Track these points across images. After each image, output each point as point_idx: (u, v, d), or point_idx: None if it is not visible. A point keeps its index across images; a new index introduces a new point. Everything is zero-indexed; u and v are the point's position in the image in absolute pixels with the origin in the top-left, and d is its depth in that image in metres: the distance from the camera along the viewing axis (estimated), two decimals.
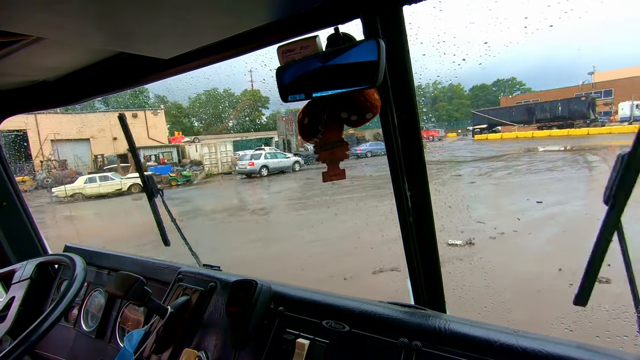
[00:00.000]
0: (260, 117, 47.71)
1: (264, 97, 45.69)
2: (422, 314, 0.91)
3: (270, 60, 0.98)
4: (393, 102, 0.88)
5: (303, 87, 0.84)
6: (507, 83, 51.97)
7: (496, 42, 9.07)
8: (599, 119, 27.69)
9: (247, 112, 47.54)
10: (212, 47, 1.03)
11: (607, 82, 34.62)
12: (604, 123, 27.31)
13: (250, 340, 1.03)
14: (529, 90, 46.36)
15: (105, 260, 1.72)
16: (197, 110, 46.08)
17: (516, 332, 0.79)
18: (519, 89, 50.57)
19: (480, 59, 7.70)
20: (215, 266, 1.44)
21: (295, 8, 0.85)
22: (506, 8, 5.75)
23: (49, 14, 0.73)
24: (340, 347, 0.92)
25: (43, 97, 1.47)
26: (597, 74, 36.09)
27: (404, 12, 0.81)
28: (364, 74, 0.75)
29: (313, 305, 1.03)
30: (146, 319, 1.35)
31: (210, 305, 1.20)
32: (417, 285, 1.03)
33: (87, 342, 1.54)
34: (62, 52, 1.11)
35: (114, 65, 1.22)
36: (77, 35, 0.87)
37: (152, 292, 1.09)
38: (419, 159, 0.92)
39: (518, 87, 51.68)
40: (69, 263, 1.18)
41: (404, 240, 1.00)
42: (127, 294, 1.05)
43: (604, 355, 0.69)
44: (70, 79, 1.35)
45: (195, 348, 1.11)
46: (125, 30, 0.86)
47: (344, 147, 0.93)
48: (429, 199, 0.95)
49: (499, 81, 51.83)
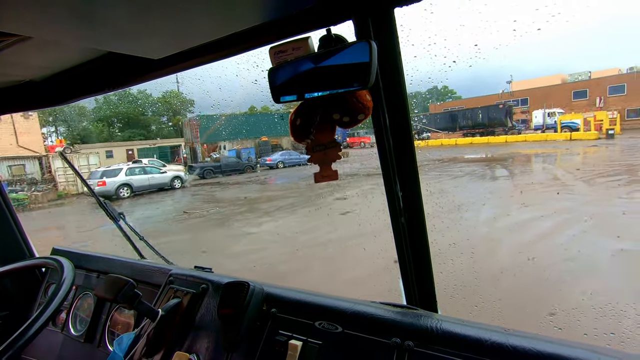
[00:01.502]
0: (180, 121, 40.05)
1: (189, 100, 41.43)
2: (414, 314, 0.92)
3: (263, 61, 0.97)
4: (385, 103, 0.89)
5: (295, 88, 0.84)
6: (440, 91, 51.88)
7: (486, 44, 9.20)
8: (516, 127, 28.78)
9: (169, 117, 43.12)
10: (203, 47, 1.02)
11: (524, 91, 36.69)
12: (520, 131, 28.36)
13: (242, 342, 1.03)
14: (459, 97, 47.14)
15: (94, 263, 1.69)
16: (108, 114, 39.89)
17: (506, 330, 0.80)
18: (450, 97, 50.44)
19: (470, 60, 7.81)
20: (207, 268, 1.43)
21: (287, 9, 0.85)
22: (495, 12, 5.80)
23: (35, 13, 0.72)
24: (333, 348, 0.92)
25: (29, 97, 1.44)
26: (515, 83, 38.19)
27: (395, 14, 0.82)
28: (356, 75, 0.75)
29: (305, 307, 1.03)
30: (136, 322, 1.33)
31: (202, 307, 1.19)
32: (409, 285, 1.03)
33: (76, 346, 1.51)
34: (48, 52, 1.09)
35: (103, 65, 1.20)
36: (64, 35, 0.86)
37: (142, 294, 1.08)
38: (411, 159, 0.93)
39: (450, 95, 51.46)
40: (56, 266, 1.16)
41: (396, 241, 1.01)
42: (116, 297, 1.03)
43: (591, 352, 0.70)
44: (57, 79, 1.33)
45: (187, 351, 1.10)
46: (114, 29, 0.85)
47: (336, 148, 0.93)
48: (420, 200, 0.95)
49: (434, 89, 51.78)
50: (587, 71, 35.70)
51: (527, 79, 39.30)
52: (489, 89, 35.02)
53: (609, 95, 31.73)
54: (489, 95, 36.73)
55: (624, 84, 31.23)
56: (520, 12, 7.22)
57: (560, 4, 5.80)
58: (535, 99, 33.81)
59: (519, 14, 5.80)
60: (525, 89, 36.27)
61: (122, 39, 0.92)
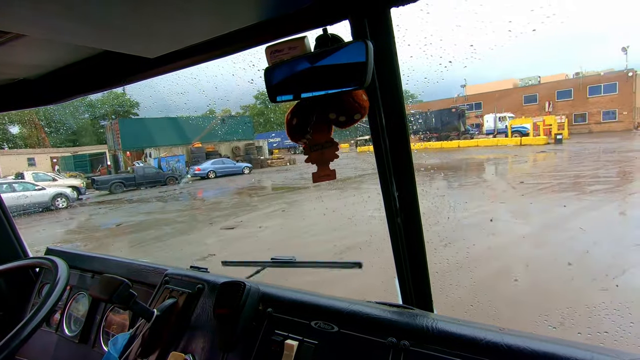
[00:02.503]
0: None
1: (133, 101, 37.30)
2: (410, 313, 0.92)
3: (259, 61, 0.97)
4: (381, 103, 0.89)
5: (291, 88, 0.84)
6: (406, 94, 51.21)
7: (482, 45, 9.24)
8: (469, 131, 28.38)
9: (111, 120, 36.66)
10: (199, 46, 1.02)
11: (478, 95, 36.89)
12: (473, 135, 28.00)
13: (238, 342, 1.02)
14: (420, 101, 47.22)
15: (89, 263, 1.68)
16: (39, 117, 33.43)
17: (501, 330, 0.80)
18: (412, 101, 50.04)
19: (466, 61, 7.84)
20: (202, 268, 1.42)
21: (284, 8, 0.85)
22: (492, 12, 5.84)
23: (29, 10, 0.71)
24: (329, 348, 0.92)
25: (23, 96, 1.43)
26: (470, 87, 38.14)
27: (391, 14, 0.82)
28: (352, 75, 0.75)
29: (302, 306, 1.03)
30: (131, 323, 1.32)
31: (197, 307, 1.18)
32: (405, 285, 1.04)
33: (70, 347, 1.50)
34: (43, 50, 1.08)
35: (98, 64, 1.20)
36: (59, 33, 0.85)
37: (137, 295, 1.07)
38: (407, 160, 0.93)
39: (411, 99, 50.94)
40: (50, 266, 1.15)
41: (392, 241, 1.01)
42: (111, 298, 1.02)
43: (585, 351, 0.71)
44: (52, 77, 1.32)
45: (182, 351, 1.10)
46: (109, 28, 0.84)
47: (333, 148, 0.93)
48: (416, 200, 0.96)
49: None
50: (536, 76, 35.89)
51: (481, 83, 39.32)
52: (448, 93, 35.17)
53: (557, 99, 32.35)
54: (445, 99, 36.75)
55: (570, 88, 31.86)
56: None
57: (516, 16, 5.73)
58: (488, 103, 34.01)
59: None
60: (479, 93, 36.51)
61: (118, 38, 0.91)
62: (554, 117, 25.33)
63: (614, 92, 29.58)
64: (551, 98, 32.36)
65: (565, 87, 32.29)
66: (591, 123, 30.68)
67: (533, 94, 34.05)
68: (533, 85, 35.17)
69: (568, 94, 31.97)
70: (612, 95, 29.64)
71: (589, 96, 30.80)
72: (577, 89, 31.43)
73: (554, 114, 28.35)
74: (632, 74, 28.68)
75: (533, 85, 35.05)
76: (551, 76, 35.26)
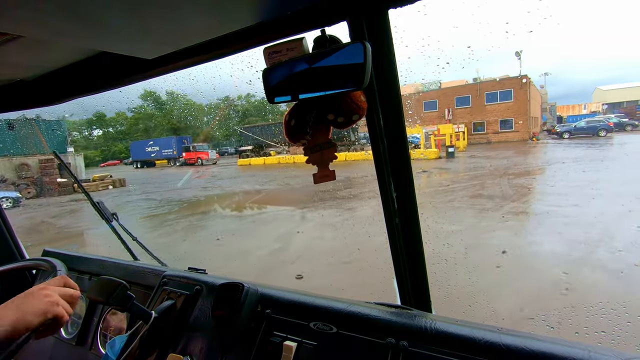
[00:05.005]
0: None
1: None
2: (408, 314, 0.92)
3: (257, 62, 0.97)
4: (379, 104, 0.89)
5: (289, 89, 0.84)
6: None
7: (479, 46, 9.26)
8: (360, 141, 24.94)
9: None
10: (197, 47, 1.02)
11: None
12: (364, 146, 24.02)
13: (237, 344, 1.02)
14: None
15: (86, 265, 1.67)
16: None
17: (499, 330, 0.81)
18: None
19: (464, 62, 7.88)
20: (200, 269, 1.42)
21: (282, 9, 0.85)
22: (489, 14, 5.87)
23: (27, 11, 0.71)
24: (328, 349, 0.92)
25: (20, 97, 1.42)
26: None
27: (389, 15, 0.82)
28: (351, 76, 0.75)
29: (300, 307, 1.03)
30: (129, 325, 1.31)
31: (195, 309, 1.18)
32: (404, 285, 1.04)
33: (67, 349, 1.49)
34: (41, 51, 1.07)
35: (96, 65, 1.19)
36: (56, 34, 0.85)
37: (135, 296, 1.06)
38: (405, 160, 0.93)
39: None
40: (48, 268, 1.14)
41: (390, 242, 1.01)
42: (109, 300, 1.02)
43: (585, 351, 0.71)
44: (49, 78, 1.31)
45: (181, 353, 1.09)
46: (107, 29, 0.84)
47: (332, 148, 0.93)
48: (414, 201, 0.96)
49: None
50: (437, 80, 31.41)
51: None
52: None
53: (456, 107, 29.42)
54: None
55: (468, 95, 29.18)
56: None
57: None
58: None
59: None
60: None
61: (116, 39, 0.91)
62: (451, 125, 22.08)
63: (510, 99, 27.45)
64: (451, 105, 29.35)
65: (464, 93, 29.33)
66: (489, 132, 28.37)
67: (433, 100, 30.48)
68: (434, 90, 30.99)
69: (467, 100, 29.18)
70: (508, 102, 27.51)
71: (486, 103, 28.40)
72: (474, 95, 28.79)
73: (454, 122, 25.77)
74: (526, 80, 26.65)
75: (434, 91, 30.92)
76: (452, 81, 30.92)
